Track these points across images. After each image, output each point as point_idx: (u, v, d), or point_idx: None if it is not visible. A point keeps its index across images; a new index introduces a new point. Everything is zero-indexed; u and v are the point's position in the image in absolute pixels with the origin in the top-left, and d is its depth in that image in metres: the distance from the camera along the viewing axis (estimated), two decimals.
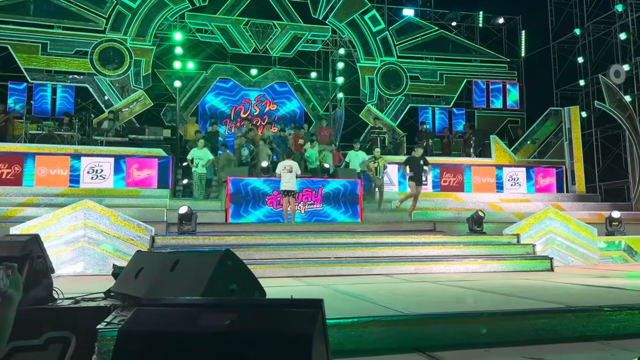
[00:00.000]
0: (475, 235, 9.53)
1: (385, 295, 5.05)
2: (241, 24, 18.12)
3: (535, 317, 3.79)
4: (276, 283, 6.09)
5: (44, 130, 13.72)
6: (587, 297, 4.89)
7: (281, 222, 11.38)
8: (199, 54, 18.69)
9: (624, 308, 3.92)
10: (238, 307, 1.60)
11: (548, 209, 10.24)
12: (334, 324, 3.40)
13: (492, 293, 5.22)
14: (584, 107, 19.88)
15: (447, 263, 8.05)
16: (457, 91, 20.11)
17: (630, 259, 9.92)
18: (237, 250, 6.44)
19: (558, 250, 9.36)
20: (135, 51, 16.88)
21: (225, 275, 2.89)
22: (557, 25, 21.07)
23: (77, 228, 7.86)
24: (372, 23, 19.16)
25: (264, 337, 1.48)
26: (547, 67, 21.35)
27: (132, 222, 8.14)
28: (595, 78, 18.53)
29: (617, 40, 19.06)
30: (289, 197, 11.16)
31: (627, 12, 18.76)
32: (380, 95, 19.17)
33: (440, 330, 3.65)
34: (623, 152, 17.35)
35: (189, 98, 18.24)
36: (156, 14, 17.22)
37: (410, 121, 19.86)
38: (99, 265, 7.77)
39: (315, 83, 19.82)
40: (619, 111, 15.38)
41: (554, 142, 16.24)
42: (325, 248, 8.25)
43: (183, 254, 4.00)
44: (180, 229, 8.91)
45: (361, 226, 11.42)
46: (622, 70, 17.46)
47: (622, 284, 5.85)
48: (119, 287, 3.88)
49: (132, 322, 1.70)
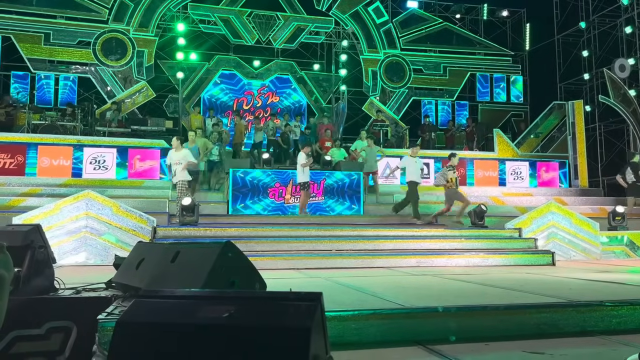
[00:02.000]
0: (477, 229, 9.52)
1: (386, 288, 5.05)
2: (244, 15, 18.04)
3: (536, 312, 3.79)
4: (277, 275, 6.10)
5: (47, 121, 13.74)
6: (588, 291, 4.88)
7: (282, 215, 11.38)
8: (202, 45, 18.64)
9: (625, 303, 3.92)
10: (236, 300, 1.59)
11: (550, 203, 10.21)
12: (335, 317, 3.41)
13: (493, 287, 5.22)
14: (588, 101, 19.77)
15: (448, 256, 8.05)
16: (460, 84, 20.02)
17: (633, 254, 9.89)
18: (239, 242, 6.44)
19: (560, 244, 9.35)
20: (138, 42, 16.84)
21: (225, 267, 2.89)
22: (562, 19, 20.92)
23: (79, 218, 7.88)
24: (375, 15, 19.06)
25: (262, 329, 1.47)
26: (551, 60, 21.23)
27: (134, 212, 8.15)
28: (600, 72, 18.41)
29: (622, 34, 18.93)
30: (302, 190, 11.20)
31: (633, 5, 18.61)
32: (383, 88, 19.11)
33: (441, 324, 3.65)
34: (627, 147, 17.27)
35: (192, 89, 18.20)
36: (159, 5, 17.16)
37: (413, 114, 19.80)
38: (101, 255, 7.80)
39: (318, 75, 19.75)
40: (623, 105, 15.31)
41: (557, 136, 16.17)
42: (327, 240, 8.26)
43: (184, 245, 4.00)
44: (182, 220, 8.92)
45: (363, 219, 11.40)
46: (627, 64, 17.36)
47: (623, 279, 5.84)
48: (120, 278, 3.88)
49: (130, 313, 1.70)
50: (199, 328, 1.52)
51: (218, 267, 2.85)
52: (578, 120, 15.64)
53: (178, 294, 1.76)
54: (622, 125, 17.96)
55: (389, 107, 18.92)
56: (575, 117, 15.63)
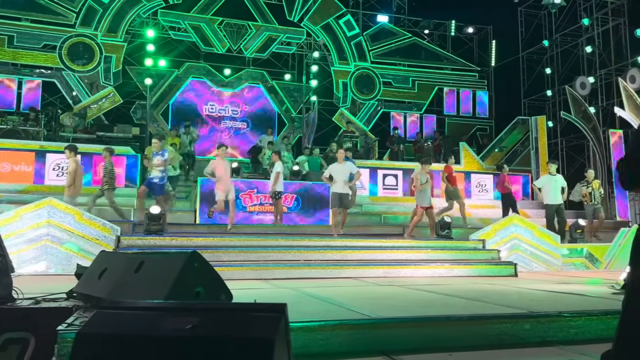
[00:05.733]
0: (442, 240, 9.65)
1: (353, 299, 5.07)
2: (215, 23, 17.99)
3: (498, 322, 3.86)
4: (244, 285, 6.05)
5: (8, 125, 13.33)
6: (548, 302, 5.00)
7: (250, 224, 11.32)
8: (172, 51, 18.48)
9: (582, 314, 4.03)
10: (199, 311, 1.58)
11: (513, 215, 10.45)
12: (301, 327, 3.40)
13: (457, 297, 5.30)
14: (551, 117, 20.40)
15: (415, 267, 8.13)
16: (428, 98, 20.40)
17: (592, 265, 10.19)
18: (205, 252, 6.39)
19: (522, 256, 9.56)
20: (105, 47, 16.58)
21: (191, 278, 2.86)
22: (527, 37, 21.58)
23: (40, 226, 7.66)
24: (346, 28, 19.28)
25: (225, 341, 1.46)
26: (516, 77, 21.86)
27: (97, 221, 7.97)
28: (562, 89, 19.04)
29: (583, 53, 19.63)
30: (275, 200, 11.17)
31: (593, 26, 19.35)
32: (354, 100, 19.29)
33: (405, 334, 3.68)
34: (587, 162, 17.85)
35: (160, 96, 18.00)
36: (128, 10, 16.96)
37: (382, 126, 20.05)
38: (62, 264, 7.58)
39: (289, 85, 19.81)
40: (583, 122, 15.83)
41: (520, 150, 16.62)
42: (295, 251, 8.23)
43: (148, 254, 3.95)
44: (147, 228, 8.75)
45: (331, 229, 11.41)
46: (587, 82, 17.99)
47: (582, 290, 6.01)
48: (81, 288, 3.80)
49: (91, 325, 1.66)
50: (161, 340, 1.50)
51: (183, 277, 2.82)
52: (541, 135, 16.10)
53: (140, 305, 1.73)
54: (582, 140, 18.57)
55: (358, 118, 19.10)
56: (539, 132, 16.08)
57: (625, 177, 1.74)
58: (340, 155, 10.32)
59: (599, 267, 10.20)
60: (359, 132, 18.40)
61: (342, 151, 10.56)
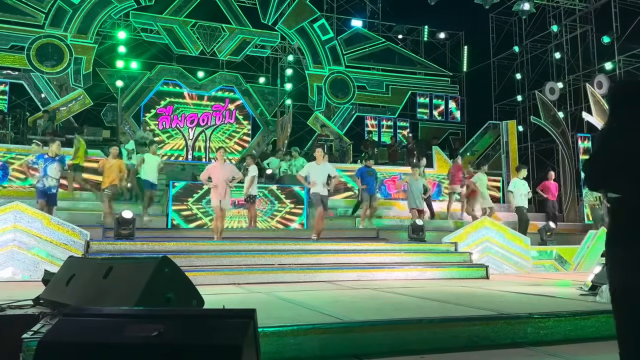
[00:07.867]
0: (416, 243, 9.73)
1: (326, 303, 5.06)
2: (188, 25, 17.83)
3: (469, 324, 3.90)
4: (216, 290, 5.99)
5: None
6: (518, 304, 5.08)
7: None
8: (143, 53, 18.24)
9: (551, 315, 4.11)
10: (167, 318, 1.55)
11: (484, 218, 10.60)
12: (273, 332, 3.38)
13: (430, 300, 5.34)
14: (521, 122, 20.82)
15: (388, 270, 8.17)
16: (402, 102, 20.58)
17: (561, 267, 10.41)
18: (177, 257, 6.31)
19: (494, 258, 9.70)
20: (75, 48, 16.26)
21: (161, 283, 2.82)
22: (498, 42, 22.00)
23: (6, 231, 7.44)
24: (321, 32, 19.33)
25: (192, 348, 1.44)
26: (487, 82, 22.25)
27: (65, 225, 7.79)
28: (532, 94, 19.44)
29: (552, 59, 20.10)
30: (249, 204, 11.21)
31: (562, 32, 19.83)
32: (328, 103, 19.34)
33: (378, 337, 3.69)
34: (556, 166, 18.25)
35: (131, 99, 17.72)
36: (99, 11, 16.67)
37: (357, 130, 20.14)
38: (30, 270, 7.39)
39: (263, 88, 19.75)
40: (553, 126, 16.19)
41: (492, 154, 16.91)
42: (269, 255, 8.18)
43: (118, 260, 3.87)
44: (117, 233, 8.60)
45: (306, 233, 11.41)
46: (556, 88, 18.41)
47: (551, 292, 6.13)
48: (49, 294, 3.71)
49: (53, 333, 1.61)
50: (125, 347, 1.47)
51: (153, 283, 2.78)
52: (511, 139, 16.41)
53: (105, 312, 1.69)
54: (552, 145, 18.98)
55: (333, 122, 19.15)
56: (509, 137, 16.39)
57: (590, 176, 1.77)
58: (319, 154, 10.00)
59: (568, 269, 10.41)
60: (333, 136, 18.46)
61: (321, 150, 10.39)
